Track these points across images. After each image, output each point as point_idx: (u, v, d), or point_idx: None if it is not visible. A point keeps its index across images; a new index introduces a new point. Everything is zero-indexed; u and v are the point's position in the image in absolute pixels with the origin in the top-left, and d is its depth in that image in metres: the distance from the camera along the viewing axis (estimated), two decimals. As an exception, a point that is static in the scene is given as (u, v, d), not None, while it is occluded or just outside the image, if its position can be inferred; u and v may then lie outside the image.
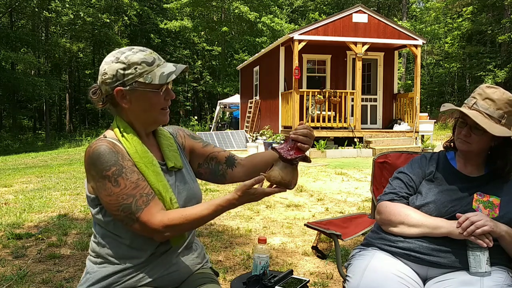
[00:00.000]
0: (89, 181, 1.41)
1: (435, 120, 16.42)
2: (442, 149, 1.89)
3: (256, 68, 16.46)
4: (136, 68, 1.36)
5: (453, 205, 1.64)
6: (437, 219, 1.62)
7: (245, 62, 19.20)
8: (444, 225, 1.58)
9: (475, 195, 1.66)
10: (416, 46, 12.72)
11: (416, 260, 1.61)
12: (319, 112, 12.23)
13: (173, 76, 1.37)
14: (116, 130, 1.42)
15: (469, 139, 1.66)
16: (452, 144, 1.81)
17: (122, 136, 1.41)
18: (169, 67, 1.39)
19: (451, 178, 1.73)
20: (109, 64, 1.38)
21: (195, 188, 1.54)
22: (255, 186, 1.30)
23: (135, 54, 1.37)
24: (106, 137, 1.42)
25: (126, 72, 1.36)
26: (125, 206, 1.31)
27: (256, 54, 16.53)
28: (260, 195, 1.31)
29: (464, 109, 1.67)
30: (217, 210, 1.32)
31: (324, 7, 34.81)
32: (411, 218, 1.64)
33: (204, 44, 33.54)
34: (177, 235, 1.39)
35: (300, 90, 12.10)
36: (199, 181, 1.63)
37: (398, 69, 20.49)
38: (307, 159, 1.37)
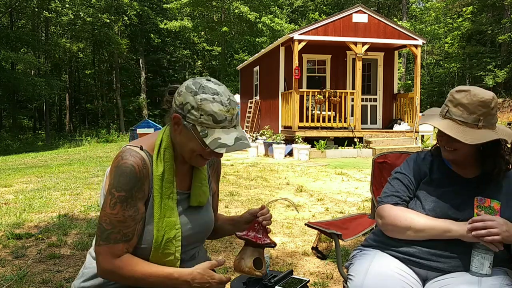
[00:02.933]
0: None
1: (435, 120, 16.39)
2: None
3: (256, 68, 16.46)
4: (202, 115, 1.31)
5: (453, 212, 1.61)
6: (446, 222, 1.57)
7: (245, 62, 19.20)
8: (454, 229, 1.54)
9: (475, 201, 1.61)
10: (416, 46, 12.72)
11: (415, 265, 1.60)
12: (319, 112, 12.24)
13: (223, 150, 1.32)
14: (158, 143, 1.40)
15: (452, 146, 1.60)
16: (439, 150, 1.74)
17: (158, 153, 1.39)
18: (228, 138, 1.33)
19: (447, 181, 1.68)
20: (187, 92, 1.34)
21: (207, 218, 1.52)
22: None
23: (212, 103, 1.31)
24: (142, 148, 1.38)
25: (192, 111, 1.32)
26: (102, 228, 1.31)
27: (256, 54, 16.53)
28: (217, 284, 1.33)
29: (437, 120, 1.62)
30: (165, 283, 1.32)
31: (324, 7, 34.82)
32: (418, 223, 1.59)
33: (204, 44, 33.56)
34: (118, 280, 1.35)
35: (300, 90, 12.10)
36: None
37: (398, 69, 20.50)
38: (274, 244, 1.46)
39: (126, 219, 1.31)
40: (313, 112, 12.19)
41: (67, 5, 28.03)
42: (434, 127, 1.66)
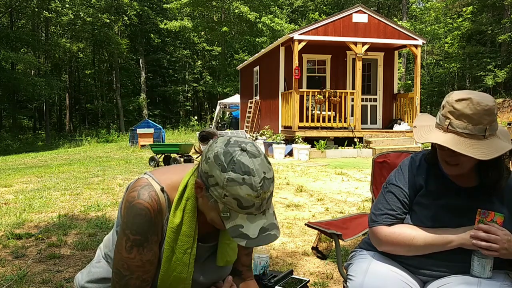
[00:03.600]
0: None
1: (435, 120, 16.36)
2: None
3: (256, 68, 16.45)
4: (226, 196, 1.12)
5: (454, 228, 1.55)
6: (445, 235, 1.52)
7: (245, 62, 19.20)
8: (454, 239, 1.50)
9: (477, 214, 1.52)
10: (416, 46, 12.72)
11: (414, 272, 1.60)
12: (319, 112, 12.24)
13: (243, 243, 1.13)
14: (181, 189, 1.26)
15: (456, 161, 1.47)
16: (432, 154, 1.62)
17: (179, 202, 1.25)
18: (252, 228, 1.14)
19: (445, 191, 1.59)
20: (215, 164, 1.13)
21: (227, 270, 1.41)
22: None
23: (240, 186, 1.10)
24: (163, 190, 1.25)
25: (216, 188, 1.14)
26: (119, 274, 1.24)
27: (256, 54, 16.53)
28: None
29: (439, 134, 1.47)
30: None
31: (324, 7, 34.82)
32: (418, 242, 1.54)
33: (204, 44, 33.56)
34: None
35: (300, 90, 12.10)
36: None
37: (398, 69, 20.49)
38: None
39: (144, 264, 1.23)
40: (313, 112, 12.19)
41: (67, 5, 28.04)
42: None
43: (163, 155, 10.12)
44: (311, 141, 11.86)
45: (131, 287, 1.23)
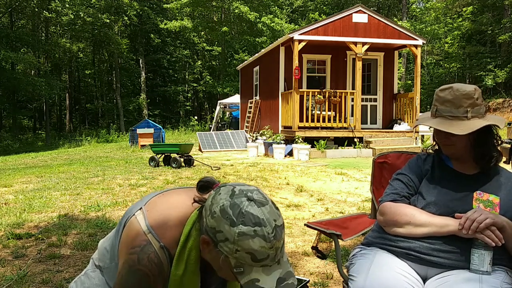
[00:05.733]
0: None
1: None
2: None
3: (256, 68, 16.45)
4: (237, 251, 1.08)
5: (454, 205, 1.64)
6: (444, 218, 1.62)
7: (245, 62, 19.20)
8: (452, 223, 1.58)
9: (474, 194, 1.66)
10: (416, 46, 12.72)
11: (416, 260, 1.61)
12: (319, 112, 12.23)
13: None
14: (183, 239, 1.20)
15: (449, 142, 1.69)
16: (438, 147, 1.83)
17: (182, 253, 1.20)
18: (269, 280, 1.09)
19: (448, 177, 1.73)
20: (222, 218, 1.09)
21: None
22: None
23: (253, 239, 1.06)
24: (163, 247, 1.20)
25: (226, 243, 1.09)
26: None
27: (256, 54, 16.53)
28: None
29: (429, 120, 1.73)
30: None
31: (324, 7, 34.81)
32: (418, 218, 1.64)
33: (204, 44, 33.57)
34: None
35: (300, 90, 12.09)
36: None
37: (398, 69, 20.48)
38: None
39: None
40: (313, 112, 12.19)
41: (67, 5, 28.03)
42: (430, 127, 1.75)
43: (163, 155, 10.13)
44: (311, 141, 11.86)
45: None
